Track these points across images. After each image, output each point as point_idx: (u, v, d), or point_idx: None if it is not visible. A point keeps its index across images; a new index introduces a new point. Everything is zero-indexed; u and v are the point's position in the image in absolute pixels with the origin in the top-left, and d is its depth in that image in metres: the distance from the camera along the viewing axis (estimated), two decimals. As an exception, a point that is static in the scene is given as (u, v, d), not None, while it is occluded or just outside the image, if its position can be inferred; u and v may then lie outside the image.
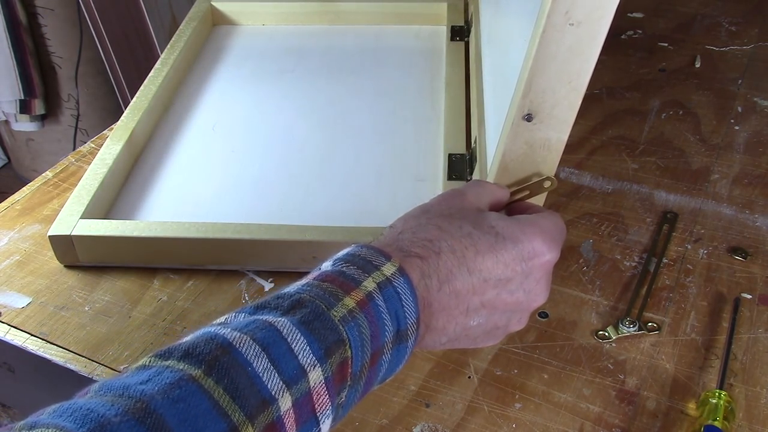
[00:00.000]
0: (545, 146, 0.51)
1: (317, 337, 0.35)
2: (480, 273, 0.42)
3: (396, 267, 0.40)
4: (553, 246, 0.45)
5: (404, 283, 0.40)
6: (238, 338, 0.33)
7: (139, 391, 0.31)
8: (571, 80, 0.47)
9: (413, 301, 0.40)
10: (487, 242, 0.43)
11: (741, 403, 0.54)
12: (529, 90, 0.48)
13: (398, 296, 0.39)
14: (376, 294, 0.38)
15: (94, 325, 0.61)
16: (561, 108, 0.49)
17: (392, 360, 0.40)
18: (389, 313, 0.38)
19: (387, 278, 0.39)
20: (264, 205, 0.71)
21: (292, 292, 0.37)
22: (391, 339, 0.39)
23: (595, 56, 0.46)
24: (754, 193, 0.74)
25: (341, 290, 0.38)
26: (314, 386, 0.34)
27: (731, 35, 1.01)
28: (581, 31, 0.45)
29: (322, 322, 0.36)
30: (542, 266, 0.44)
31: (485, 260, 0.42)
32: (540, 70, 0.47)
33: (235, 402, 0.31)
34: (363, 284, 0.38)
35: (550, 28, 0.44)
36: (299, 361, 0.34)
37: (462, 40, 0.92)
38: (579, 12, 0.44)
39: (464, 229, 0.43)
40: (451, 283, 0.42)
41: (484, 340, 0.46)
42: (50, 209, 0.73)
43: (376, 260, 0.40)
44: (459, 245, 0.42)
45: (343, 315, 0.37)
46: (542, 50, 0.46)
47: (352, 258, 0.40)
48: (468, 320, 0.43)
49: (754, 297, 0.62)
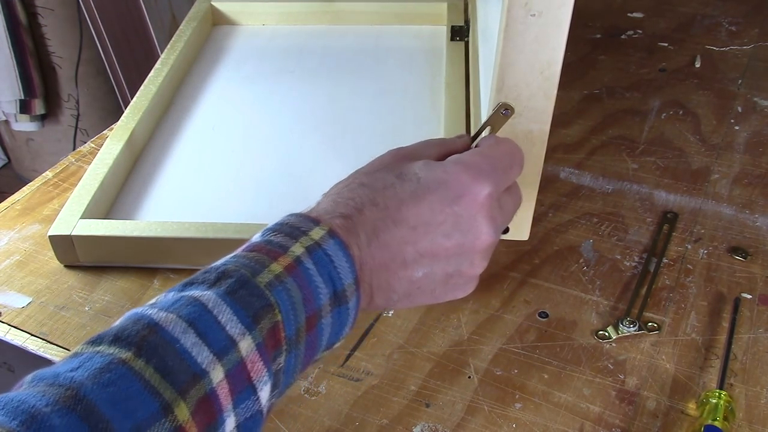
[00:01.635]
0: (528, 139, 0.52)
1: (243, 306, 0.35)
2: (406, 222, 0.41)
3: (325, 230, 0.39)
4: (482, 179, 0.42)
5: (335, 245, 0.39)
6: (164, 317, 0.33)
7: (69, 378, 0.30)
8: (542, 70, 0.48)
9: (347, 261, 0.39)
10: (409, 189, 0.42)
11: (741, 403, 0.54)
12: (502, 84, 0.48)
13: (329, 258, 0.38)
14: (304, 258, 0.38)
15: (94, 325, 0.61)
16: (537, 99, 0.49)
17: (334, 323, 0.39)
18: (321, 275, 0.38)
19: (316, 242, 0.39)
20: (264, 205, 0.71)
21: (218, 265, 0.37)
22: (328, 302, 0.38)
23: (563, 44, 0.46)
24: (754, 193, 0.74)
25: (268, 257, 0.37)
26: (246, 355, 0.34)
27: (731, 35, 1.01)
28: (544, 20, 0.45)
29: (247, 289, 0.35)
30: (475, 202, 0.42)
31: (409, 208, 0.41)
32: (510, 63, 0.47)
33: (166, 380, 0.31)
34: (291, 249, 0.38)
35: (512, 22, 0.45)
36: (227, 332, 0.34)
37: (462, 40, 0.92)
38: (538, 2, 0.44)
39: (386, 180, 0.42)
40: (378, 237, 0.41)
41: (446, 292, 0.45)
42: (50, 209, 0.73)
43: (304, 226, 0.39)
44: (380, 197, 0.41)
45: (269, 280, 0.36)
46: (508, 44, 0.46)
47: (281, 227, 0.40)
48: (411, 273, 0.42)
49: (754, 297, 0.62)
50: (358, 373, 0.57)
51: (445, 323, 0.60)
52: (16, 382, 0.33)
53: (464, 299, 0.62)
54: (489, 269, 0.65)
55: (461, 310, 0.61)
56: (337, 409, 0.54)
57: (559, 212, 0.71)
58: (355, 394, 0.55)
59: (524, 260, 0.66)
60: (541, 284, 0.64)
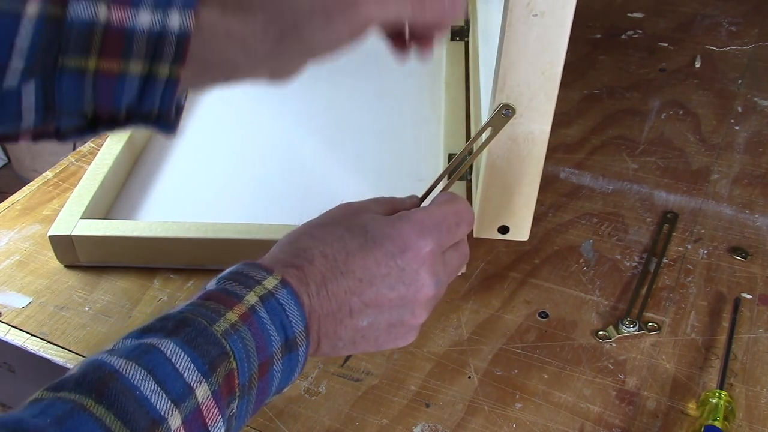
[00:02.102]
0: (529, 139, 0.52)
1: (200, 353, 0.36)
2: (353, 273, 0.43)
3: (278, 280, 0.41)
4: (426, 235, 0.44)
5: (287, 294, 0.41)
6: (124, 364, 0.34)
7: (32, 425, 0.31)
8: (544, 71, 0.48)
9: (298, 310, 0.41)
10: (357, 243, 0.43)
11: (741, 403, 0.54)
12: (504, 85, 0.48)
13: (282, 307, 0.40)
14: (258, 307, 0.39)
15: (94, 325, 0.61)
16: (538, 99, 0.49)
17: (285, 369, 0.41)
18: (274, 323, 0.39)
19: (269, 291, 0.40)
20: (264, 205, 0.71)
21: (176, 313, 0.38)
22: (279, 348, 0.40)
23: (565, 44, 0.46)
24: (754, 193, 0.74)
25: (223, 306, 0.39)
26: (203, 401, 0.35)
27: (731, 35, 1.01)
28: (546, 21, 0.45)
29: (204, 338, 0.37)
30: (417, 257, 0.44)
31: (356, 260, 0.43)
32: (512, 63, 0.47)
33: (126, 426, 0.32)
34: (245, 299, 0.39)
35: (515, 22, 0.45)
36: (185, 380, 0.35)
37: (462, 40, 0.92)
38: (541, 3, 0.44)
39: (336, 234, 0.44)
40: (327, 286, 0.43)
41: (388, 340, 0.46)
42: (50, 209, 0.73)
43: (257, 275, 0.41)
44: (330, 250, 0.43)
45: (225, 329, 0.37)
46: (511, 44, 0.46)
47: (235, 275, 0.41)
48: (357, 321, 0.44)
49: (754, 297, 0.62)
50: (358, 373, 0.57)
51: (445, 323, 0.60)
52: (16, 382, 0.33)
53: (464, 299, 0.62)
54: (489, 269, 0.65)
55: (461, 310, 0.61)
56: (337, 409, 0.54)
57: (559, 212, 0.71)
58: (355, 394, 0.55)
59: (524, 260, 0.66)
60: (541, 284, 0.64)
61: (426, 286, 0.44)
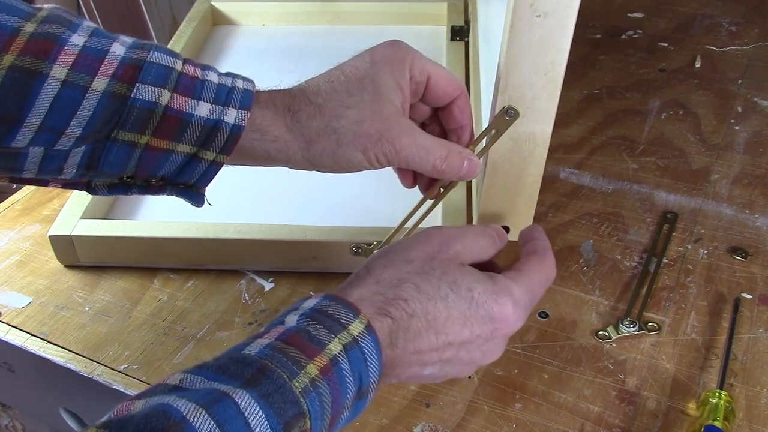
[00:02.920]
0: (531, 140, 0.52)
1: (276, 412, 0.35)
2: (446, 335, 0.43)
3: (364, 324, 0.40)
4: (521, 316, 0.45)
5: (371, 342, 0.40)
6: (193, 411, 0.32)
7: None
8: (546, 72, 0.48)
9: (378, 360, 0.40)
10: (459, 309, 0.43)
11: (741, 403, 0.54)
12: (506, 85, 0.48)
13: (364, 357, 0.39)
14: (341, 357, 0.38)
15: (94, 325, 0.61)
16: (540, 100, 0.49)
17: (350, 416, 0.40)
18: (353, 374, 0.39)
19: (354, 338, 0.39)
20: (264, 205, 0.71)
21: (253, 357, 0.37)
22: (352, 399, 0.39)
23: (568, 45, 0.46)
24: (754, 193, 0.74)
25: (305, 356, 0.37)
26: None
27: (731, 35, 1.01)
28: (549, 22, 0.45)
29: (282, 395, 0.35)
30: (506, 333, 0.45)
31: (454, 324, 0.43)
32: (514, 64, 0.47)
33: None
34: (328, 347, 0.38)
35: (518, 22, 0.45)
36: None
37: (462, 40, 0.92)
38: (544, 3, 0.44)
39: (441, 292, 0.43)
40: (416, 343, 0.42)
41: (427, 381, 0.47)
42: (50, 209, 0.73)
43: (343, 317, 0.40)
44: (433, 308, 0.42)
45: (305, 386, 0.36)
46: (514, 44, 0.46)
47: (318, 315, 0.40)
48: (422, 371, 0.44)
49: (754, 297, 0.62)
50: (358, 373, 0.56)
51: (445, 323, 0.60)
52: (16, 382, 0.33)
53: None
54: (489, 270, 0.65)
55: (461, 310, 0.61)
56: (337, 409, 0.54)
57: (559, 212, 0.71)
58: (355, 394, 0.55)
59: (524, 260, 0.66)
60: (541, 284, 0.64)
61: (495, 355, 0.46)
